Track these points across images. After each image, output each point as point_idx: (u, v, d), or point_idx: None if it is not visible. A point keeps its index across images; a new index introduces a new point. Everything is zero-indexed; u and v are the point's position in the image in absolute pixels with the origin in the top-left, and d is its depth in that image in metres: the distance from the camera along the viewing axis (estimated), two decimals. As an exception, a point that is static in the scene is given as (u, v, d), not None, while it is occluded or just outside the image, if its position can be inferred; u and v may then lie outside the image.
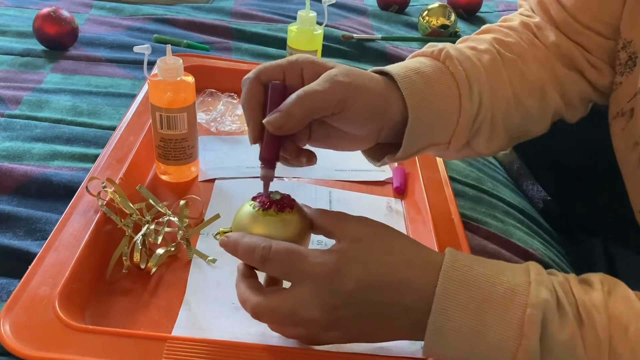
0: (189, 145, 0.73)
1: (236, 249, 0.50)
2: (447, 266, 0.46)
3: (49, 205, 0.70)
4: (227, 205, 0.72)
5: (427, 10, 1.31)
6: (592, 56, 0.66)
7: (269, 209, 0.51)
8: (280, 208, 0.51)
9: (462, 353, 0.46)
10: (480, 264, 0.47)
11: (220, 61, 1.00)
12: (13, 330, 0.49)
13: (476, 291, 0.45)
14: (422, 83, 0.54)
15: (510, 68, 0.62)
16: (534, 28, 0.68)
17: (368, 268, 0.46)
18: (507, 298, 0.44)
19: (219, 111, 0.90)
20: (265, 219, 0.51)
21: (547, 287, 0.45)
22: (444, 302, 0.44)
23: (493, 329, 0.44)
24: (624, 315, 0.44)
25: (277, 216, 0.51)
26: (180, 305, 0.58)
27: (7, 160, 0.76)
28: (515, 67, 0.63)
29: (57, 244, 0.58)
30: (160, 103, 0.69)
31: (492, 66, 0.61)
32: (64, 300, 0.53)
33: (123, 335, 0.51)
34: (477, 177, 0.87)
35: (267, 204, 0.51)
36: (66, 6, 1.25)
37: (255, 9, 1.38)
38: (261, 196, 0.53)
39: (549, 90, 0.64)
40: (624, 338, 0.44)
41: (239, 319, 0.57)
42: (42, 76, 1.00)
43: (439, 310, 0.44)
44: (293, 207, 0.52)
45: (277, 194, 0.53)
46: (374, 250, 0.47)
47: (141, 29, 1.22)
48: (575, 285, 0.46)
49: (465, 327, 0.44)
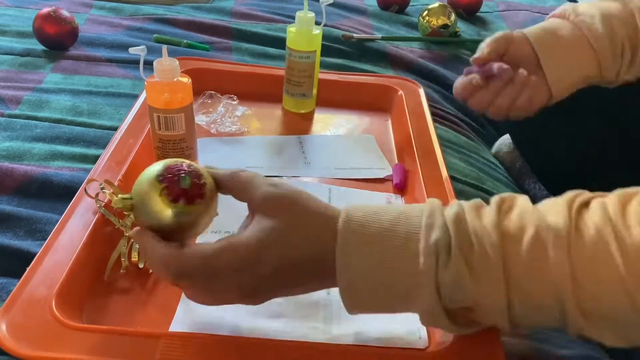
0: (187, 145, 0.73)
1: (145, 255, 0.50)
2: (343, 216, 0.48)
3: (49, 206, 0.70)
4: (225, 203, 0.72)
5: (427, 10, 1.31)
6: None
7: (176, 201, 0.49)
8: (189, 200, 0.49)
9: (376, 305, 0.48)
10: (376, 220, 0.47)
11: (219, 63, 1.00)
12: (10, 330, 0.50)
13: (373, 247, 0.46)
14: (549, 31, 0.74)
15: None
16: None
17: (281, 253, 0.47)
18: (401, 250, 0.46)
19: (219, 113, 0.90)
20: (170, 206, 0.49)
21: (438, 229, 0.45)
22: (346, 264, 0.46)
23: (398, 282, 0.46)
24: (517, 229, 0.45)
25: (182, 208, 0.49)
26: (178, 302, 0.58)
27: (8, 160, 0.76)
28: None
29: (56, 245, 0.59)
30: (157, 104, 0.69)
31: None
32: (61, 300, 0.53)
33: (119, 333, 0.51)
34: (478, 177, 0.87)
35: (176, 194, 0.49)
36: (66, 6, 1.25)
37: (255, 9, 1.38)
38: (171, 176, 0.49)
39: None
40: (516, 252, 0.44)
41: (237, 314, 0.57)
42: (42, 76, 1.00)
43: (344, 273, 0.47)
44: (203, 196, 0.50)
45: (187, 177, 0.50)
46: (284, 236, 0.48)
47: (141, 29, 1.22)
48: (470, 213, 0.47)
49: (369, 283, 0.46)
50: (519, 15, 1.55)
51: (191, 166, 0.51)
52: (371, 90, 0.99)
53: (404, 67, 1.16)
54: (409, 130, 0.86)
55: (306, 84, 0.92)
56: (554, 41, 0.73)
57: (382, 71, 1.13)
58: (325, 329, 0.57)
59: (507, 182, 0.94)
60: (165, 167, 0.50)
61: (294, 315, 0.58)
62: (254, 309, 0.58)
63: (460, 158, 0.91)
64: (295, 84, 0.92)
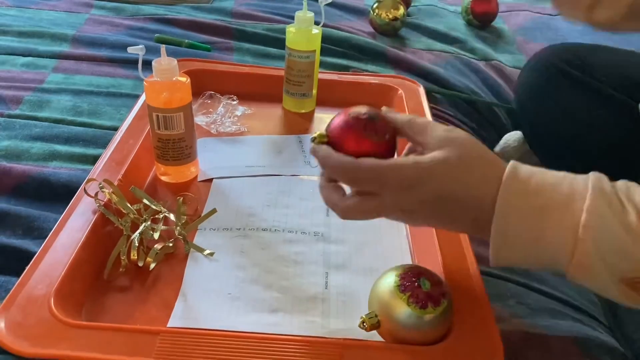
0: (186, 145, 0.73)
1: (324, 164, 0.53)
2: (507, 178, 0.49)
3: (47, 205, 0.71)
4: (224, 201, 0.73)
5: (377, 3, 1.33)
6: None
7: (424, 307, 0.50)
8: (435, 302, 0.51)
9: (525, 256, 0.49)
10: (540, 174, 0.50)
11: (219, 64, 1.00)
12: (9, 328, 0.50)
13: (535, 199, 0.48)
14: None
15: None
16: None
17: (445, 184, 0.49)
18: (564, 204, 0.47)
19: (219, 113, 0.90)
20: (417, 315, 0.50)
21: (606, 194, 0.47)
22: (505, 210, 0.48)
23: (552, 233, 0.47)
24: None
25: (429, 314, 0.50)
26: (176, 299, 0.59)
27: (6, 160, 0.76)
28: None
29: (55, 243, 0.59)
30: (156, 104, 0.69)
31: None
32: (60, 298, 0.53)
33: (116, 329, 0.52)
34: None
35: (422, 301, 0.50)
36: (67, 6, 1.26)
37: (256, 9, 1.38)
38: (411, 285, 0.51)
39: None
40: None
41: (235, 308, 0.58)
42: (43, 76, 1.00)
43: (501, 219, 0.48)
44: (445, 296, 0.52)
45: (426, 281, 0.52)
46: (452, 169, 0.50)
47: (142, 28, 1.22)
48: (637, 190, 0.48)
49: (525, 232, 0.48)
50: (520, 16, 1.55)
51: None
52: (371, 90, 0.99)
53: (404, 67, 1.16)
54: (409, 130, 0.86)
55: (306, 84, 0.92)
56: None
57: (382, 71, 1.13)
58: (323, 324, 0.57)
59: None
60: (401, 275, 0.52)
61: (292, 310, 0.58)
62: (250, 304, 0.58)
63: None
64: (295, 84, 0.92)
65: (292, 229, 0.69)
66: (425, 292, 0.50)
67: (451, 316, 0.52)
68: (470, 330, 0.53)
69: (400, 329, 0.50)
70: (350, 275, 0.63)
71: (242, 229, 0.69)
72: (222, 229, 0.68)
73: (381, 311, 0.51)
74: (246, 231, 0.68)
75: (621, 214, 0.46)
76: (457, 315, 0.53)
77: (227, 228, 0.69)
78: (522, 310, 0.62)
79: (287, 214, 0.72)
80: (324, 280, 0.62)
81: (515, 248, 0.49)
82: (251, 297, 0.59)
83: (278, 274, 0.63)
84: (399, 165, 0.50)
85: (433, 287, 0.51)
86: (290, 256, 0.65)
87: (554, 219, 0.47)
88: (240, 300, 0.59)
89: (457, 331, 0.52)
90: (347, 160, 0.50)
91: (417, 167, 0.49)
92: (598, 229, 0.46)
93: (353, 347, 0.52)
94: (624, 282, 0.47)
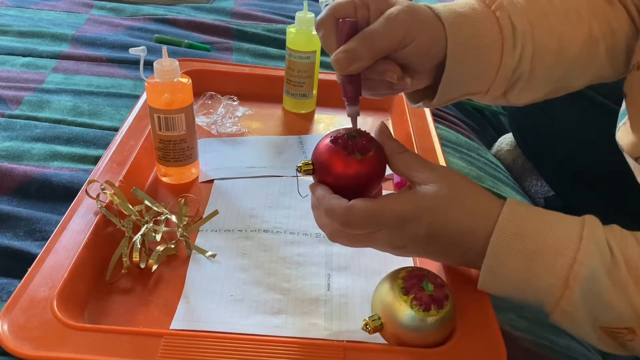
0: (187, 146, 0.73)
1: (319, 204, 0.52)
2: (504, 218, 0.49)
3: (49, 206, 0.71)
4: (225, 203, 0.73)
5: None
6: None
7: (428, 310, 0.50)
8: (438, 304, 0.51)
9: (511, 292, 0.51)
10: (537, 217, 0.50)
11: (220, 65, 1.00)
12: (11, 330, 0.50)
13: (529, 243, 0.48)
14: (467, 34, 0.54)
15: (560, 15, 0.59)
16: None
17: (437, 220, 0.50)
18: (557, 252, 0.47)
19: (219, 114, 0.90)
20: (420, 317, 0.50)
21: (599, 245, 0.47)
22: (498, 250, 0.49)
23: (541, 278, 0.48)
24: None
25: (432, 316, 0.50)
26: (179, 301, 0.59)
27: (7, 161, 0.76)
28: (565, 15, 0.59)
29: (57, 245, 0.59)
30: (158, 105, 0.69)
31: (542, 15, 0.57)
32: (62, 300, 0.53)
33: (119, 332, 0.51)
34: (478, 176, 0.87)
35: (425, 304, 0.50)
36: (66, 6, 1.26)
37: (256, 10, 1.38)
38: (414, 288, 0.51)
39: (596, 39, 0.60)
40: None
41: (237, 310, 0.58)
42: (43, 76, 1.00)
43: (493, 258, 0.49)
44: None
45: (430, 283, 0.52)
46: (443, 204, 0.50)
47: (142, 29, 1.22)
48: (629, 240, 0.48)
49: (515, 273, 0.49)
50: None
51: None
52: (371, 91, 0.99)
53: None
54: (410, 130, 0.86)
55: (306, 85, 0.92)
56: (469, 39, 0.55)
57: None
58: (325, 326, 0.57)
59: (507, 181, 0.94)
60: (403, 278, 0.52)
61: (294, 312, 0.58)
62: (253, 306, 0.58)
63: (461, 157, 0.91)
64: (296, 85, 0.92)
65: (293, 230, 0.69)
66: (428, 294, 0.50)
67: (454, 318, 0.52)
68: (473, 333, 0.53)
69: (403, 331, 0.50)
70: (352, 277, 0.63)
71: (243, 231, 0.69)
72: (224, 231, 0.68)
73: (384, 314, 0.51)
74: (248, 232, 0.68)
75: (611, 267, 0.47)
76: (460, 317, 0.53)
77: (229, 229, 0.69)
78: (522, 324, 0.62)
79: (288, 215, 0.72)
80: (326, 282, 0.62)
81: (503, 285, 0.51)
82: (253, 299, 0.59)
83: (280, 275, 0.63)
84: (391, 207, 0.50)
85: (436, 289, 0.51)
86: (292, 258, 0.65)
87: (545, 265, 0.48)
88: (242, 302, 0.59)
89: (460, 334, 0.52)
90: (339, 205, 0.50)
91: (409, 205, 0.50)
92: (587, 280, 0.46)
93: (356, 350, 0.52)
94: (604, 330, 0.48)
